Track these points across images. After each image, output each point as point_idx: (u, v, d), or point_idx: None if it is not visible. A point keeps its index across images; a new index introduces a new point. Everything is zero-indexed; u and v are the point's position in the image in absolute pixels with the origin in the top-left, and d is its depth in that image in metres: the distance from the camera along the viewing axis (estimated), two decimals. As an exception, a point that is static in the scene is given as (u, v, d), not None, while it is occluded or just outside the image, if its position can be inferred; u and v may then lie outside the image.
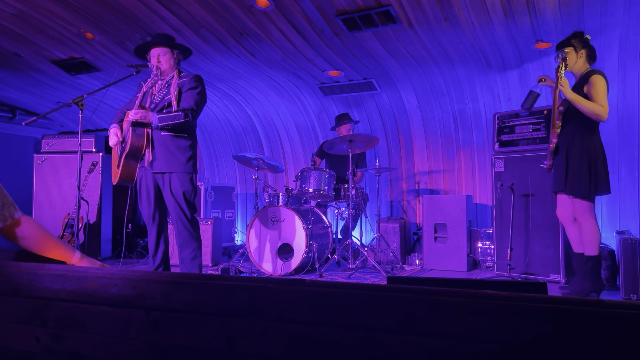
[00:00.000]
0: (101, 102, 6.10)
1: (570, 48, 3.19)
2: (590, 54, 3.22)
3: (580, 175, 3.04)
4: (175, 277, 1.06)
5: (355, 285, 0.95)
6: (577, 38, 3.21)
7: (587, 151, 3.05)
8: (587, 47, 3.20)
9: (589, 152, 3.04)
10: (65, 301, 1.14)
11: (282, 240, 4.29)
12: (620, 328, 0.74)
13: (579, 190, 3.05)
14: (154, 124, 3.03)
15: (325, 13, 3.90)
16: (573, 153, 3.09)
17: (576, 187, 3.06)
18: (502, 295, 0.83)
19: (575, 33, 3.25)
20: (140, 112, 3.00)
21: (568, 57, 3.18)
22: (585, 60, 3.21)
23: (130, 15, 4.02)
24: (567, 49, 3.19)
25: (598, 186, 3.02)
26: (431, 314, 0.85)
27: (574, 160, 3.08)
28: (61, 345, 1.13)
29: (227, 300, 0.99)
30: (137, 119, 2.99)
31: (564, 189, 3.14)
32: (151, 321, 1.05)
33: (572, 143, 3.10)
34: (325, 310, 0.92)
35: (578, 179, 3.05)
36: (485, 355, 0.81)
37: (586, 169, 3.03)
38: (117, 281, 1.09)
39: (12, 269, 1.22)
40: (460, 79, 5.06)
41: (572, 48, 3.19)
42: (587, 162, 3.04)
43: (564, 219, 3.31)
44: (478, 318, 0.82)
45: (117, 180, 3.11)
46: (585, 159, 3.04)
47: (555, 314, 0.78)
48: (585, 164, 3.04)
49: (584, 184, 3.03)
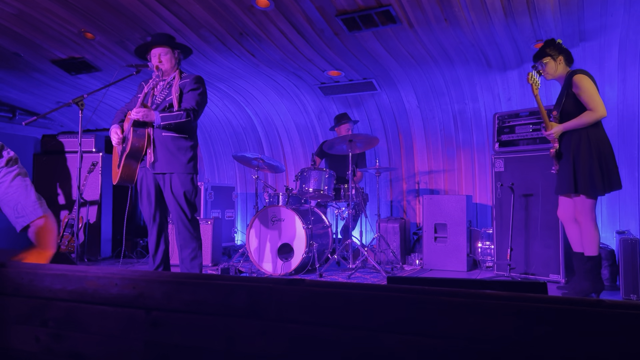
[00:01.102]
0: (101, 102, 6.10)
1: (547, 58, 3.23)
2: (567, 57, 3.24)
3: (592, 174, 3.01)
4: (176, 277, 1.06)
5: (355, 285, 0.95)
6: (551, 46, 3.24)
7: (597, 149, 3.02)
8: (563, 52, 3.23)
9: (598, 150, 3.01)
10: (65, 301, 1.14)
11: (282, 240, 4.30)
12: (620, 328, 0.75)
13: (591, 189, 3.02)
14: (156, 122, 3.03)
15: (326, 13, 3.90)
16: (580, 154, 3.05)
17: (589, 186, 3.03)
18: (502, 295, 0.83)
19: (548, 42, 3.28)
20: (142, 111, 3.00)
21: (548, 66, 3.23)
22: (565, 64, 3.24)
23: (130, 15, 4.03)
24: (545, 60, 3.23)
25: (612, 183, 3.01)
26: (431, 314, 0.85)
27: (583, 161, 3.04)
28: (61, 345, 1.13)
29: (227, 300, 0.99)
30: (139, 118, 2.99)
31: (574, 191, 3.09)
32: (151, 321, 1.05)
33: (579, 144, 3.06)
34: (325, 310, 0.92)
35: (590, 178, 3.02)
36: (485, 355, 0.81)
37: (597, 168, 3.00)
38: (117, 281, 1.09)
39: (12, 269, 1.22)
40: (460, 79, 5.06)
41: (550, 57, 3.22)
42: (597, 160, 3.01)
43: (564, 219, 3.31)
44: (478, 318, 0.82)
45: (117, 180, 3.12)
46: (595, 157, 3.01)
47: (555, 314, 0.78)
48: (596, 163, 3.00)
49: (597, 182, 3.00)
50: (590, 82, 3.05)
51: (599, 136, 3.04)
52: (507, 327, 0.80)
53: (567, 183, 3.12)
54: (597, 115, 3.00)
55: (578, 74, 3.08)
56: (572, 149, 3.10)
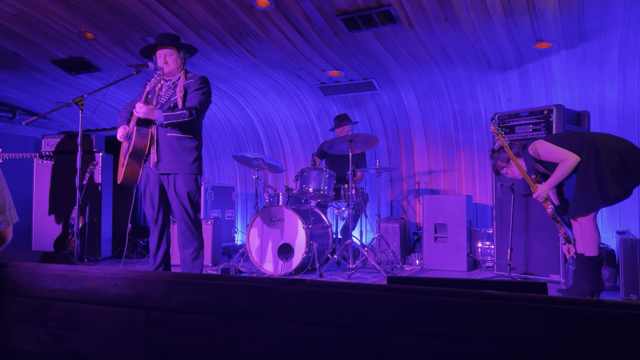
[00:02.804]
0: (101, 102, 6.10)
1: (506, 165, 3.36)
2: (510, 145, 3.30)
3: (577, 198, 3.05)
4: (176, 277, 1.06)
5: (355, 285, 0.95)
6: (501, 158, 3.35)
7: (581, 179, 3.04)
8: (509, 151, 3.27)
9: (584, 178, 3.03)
10: (65, 301, 1.14)
11: (282, 240, 4.30)
12: (620, 328, 0.75)
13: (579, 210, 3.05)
14: (159, 121, 3.02)
15: (326, 13, 3.90)
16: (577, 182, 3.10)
17: (576, 211, 3.07)
18: (502, 295, 0.83)
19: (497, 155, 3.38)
20: (145, 108, 2.97)
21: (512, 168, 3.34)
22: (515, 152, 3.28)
23: (130, 15, 4.02)
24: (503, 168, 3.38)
25: (610, 194, 2.97)
26: (431, 314, 0.85)
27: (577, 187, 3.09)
28: (61, 345, 1.13)
29: (227, 300, 0.99)
30: (141, 115, 2.97)
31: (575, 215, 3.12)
32: (151, 321, 1.05)
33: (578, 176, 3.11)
34: (325, 310, 0.92)
35: (573, 202, 3.08)
36: (485, 354, 0.81)
37: (595, 187, 2.97)
38: (117, 281, 1.09)
39: (12, 269, 1.22)
40: (460, 79, 5.06)
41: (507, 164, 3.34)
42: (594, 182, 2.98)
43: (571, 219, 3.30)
44: (478, 318, 0.82)
45: (121, 180, 3.11)
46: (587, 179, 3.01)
47: (555, 314, 0.78)
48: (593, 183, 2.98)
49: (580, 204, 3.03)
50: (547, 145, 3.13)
51: (585, 170, 3.03)
52: (506, 327, 0.80)
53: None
54: (571, 163, 3.04)
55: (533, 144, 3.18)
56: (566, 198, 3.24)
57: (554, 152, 3.12)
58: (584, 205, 3.02)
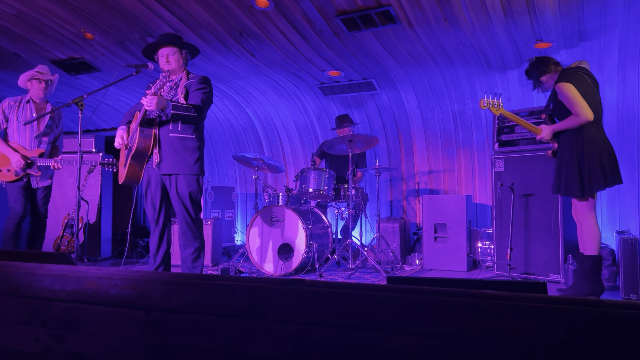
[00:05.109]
0: (101, 102, 6.10)
1: (545, 77, 3.32)
2: (556, 63, 3.31)
3: (570, 175, 3.06)
4: (175, 277, 1.06)
5: (355, 285, 0.95)
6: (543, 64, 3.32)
7: (576, 149, 3.05)
8: (553, 63, 3.30)
9: (577, 150, 3.05)
10: (65, 301, 1.14)
11: (282, 240, 4.30)
12: (620, 328, 0.74)
13: (572, 190, 3.07)
14: (167, 110, 2.99)
15: (325, 13, 3.90)
16: (564, 156, 3.12)
17: (570, 188, 3.08)
18: (502, 295, 0.83)
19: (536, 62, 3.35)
20: (155, 99, 2.90)
21: (546, 84, 3.33)
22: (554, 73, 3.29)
23: (130, 15, 4.02)
24: (544, 79, 3.33)
25: (592, 184, 3.01)
26: (431, 314, 0.85)
27: (565, 161, 3.12)
28: (61, 345, 1.13)
29: (227, 300, 0.99)
30: (154, 107, 2.91)
31: (557, 190, 3.18)
32: (151, 321, 1.05)
33: (564, 147, 3.14)
34: (325, 310, 0.92)
35: (569, 179, 3.08)
36: (484, 354, 0.81)
37: (576, 169, 3.04)
38: (117, 281, 1.09)
39: (12, 269, 1.22)
40: (460, 79, 5.06)
41: (546, 74, 3.31)
42: (576, 161, 3.04)
43: (575, 219, 3.29)
44: (478, 318, 0.82)
45: (123, 180, 3.11)
46: (574, 157, 3.05)
47: (555, 314, 0.78)
48: (575, 163, 3.04)
49: (576, 183, 3.04)
50: (572, 89, 3.07)
51: (588, 137, 3.05)
52: (506, 327, 0.80)
53: (553, 184, 3.24)
54: (581, 120, 3.03)
55: (560, 83, 3.13)
56: (560, 152, 3.18)
57: (574, 101, 3.06)
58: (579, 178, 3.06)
